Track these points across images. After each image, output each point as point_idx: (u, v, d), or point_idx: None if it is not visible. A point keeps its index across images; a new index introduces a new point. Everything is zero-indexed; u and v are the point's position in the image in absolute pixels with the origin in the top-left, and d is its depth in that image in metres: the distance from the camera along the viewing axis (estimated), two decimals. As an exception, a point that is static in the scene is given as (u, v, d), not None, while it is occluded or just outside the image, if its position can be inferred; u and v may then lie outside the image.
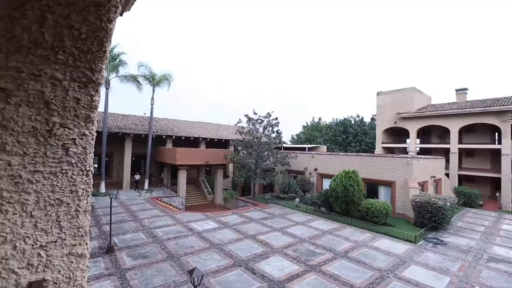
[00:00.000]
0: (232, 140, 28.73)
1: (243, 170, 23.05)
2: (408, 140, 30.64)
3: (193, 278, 4.79)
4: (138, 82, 22.78)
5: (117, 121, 25.69)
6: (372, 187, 19.09)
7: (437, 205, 14.43)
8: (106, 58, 1.27)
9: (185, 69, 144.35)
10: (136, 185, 23.24)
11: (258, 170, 23.21)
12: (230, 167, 30.24)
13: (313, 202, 19.57)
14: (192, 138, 27.84)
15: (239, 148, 25.49)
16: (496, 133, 25.86)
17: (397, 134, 33.03)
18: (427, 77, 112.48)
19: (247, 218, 15.97)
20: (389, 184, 18.15)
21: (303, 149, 29.77)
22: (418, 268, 9.76)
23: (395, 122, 30.94)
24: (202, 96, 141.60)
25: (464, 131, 27.53)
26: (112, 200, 11.50)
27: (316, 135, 51.87)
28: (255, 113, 23.71)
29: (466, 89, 29.24)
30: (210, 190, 26.61)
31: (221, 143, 31.31)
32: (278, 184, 23.72)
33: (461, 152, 27.48)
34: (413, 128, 29.48)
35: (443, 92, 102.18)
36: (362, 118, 48.91)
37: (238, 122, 23.71)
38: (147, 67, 23.38)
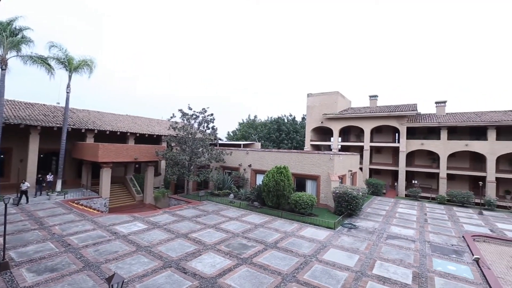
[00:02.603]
0: (165, 135, 27.13)
1: (176, 167, 22.07)
2: (332, 139, 34.35)
3: (112, 286, 4.36)
4: (49, 65, 19.22)
5: (18, 111, 21.25)
6: (300, 181, 20.75)
7: (352, 195, 16.65)
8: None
9: (124, 62, 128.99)
10: (20, 197, 16.51)
11: (192, 167, 22.57)
12: (163, 164, 28.59)
13: (247, 197, 20.13)
14: (118, 133, 25.19)
15: (173, 144, 24.30)
16: (397, 134, 31.35)
17: (324, 132, 36.73)
18: (349, 81, 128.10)
19: (180, 216, 15.39)
20: (315, 178, 20.04)
21: (239, 145, 30.26)
22: (336, 251, 11.11)
23: (322, 122, 34.31)
24: (137, 90, 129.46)
25: (375, 132, 32.51)
26: (9, 206, 9.51)
27: (252, 132, 53.40)
28: (190, 108, 22.93)
29: (377, 96, 34.43)
30: (139, 189, 24.63)
31: (153, 139, 29.27)
32: (212, 181, 23.56)
33: (372, 149, 32.34)
34: (336, 127, 33.24)
35: (362, 96, 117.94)
36: (294, 117, 52.52)
37: (171, 117, 22.53)
38: (61, 49, 20.02)
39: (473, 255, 11.11)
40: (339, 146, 33.67)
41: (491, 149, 25.24)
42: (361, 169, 29.95)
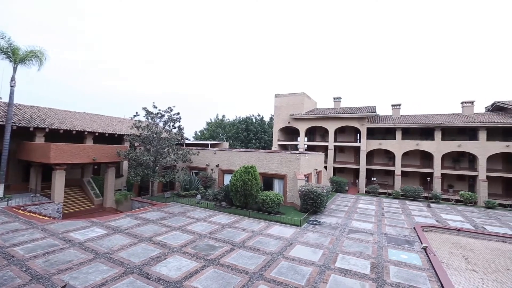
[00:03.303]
0: (127, 135, 25.67)
1: (140, 168, 21.00)
2: (298, 138, 35.38)
3: (63, 298, 4.00)
4: (-13, 55, 17.08)
5: (-52, 106, 18.52)
6: (268, 181, 21.03)
7: (317, 192, 17.31)
8: None
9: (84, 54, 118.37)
10: None
11: (157, 168, 21.66)
12: (125, 165, 27.03)
13: (214, 197, 19.88)
14: (74, 132, 23.19)
15: (136, 144, 23.10)
16: (358, 134, 33.31)
17: (291, 132, 37.68)
18: (315, 83, 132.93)
19: (143, 219, 14.68)
20: (282, 177, 20.46)
21: (206, 145, 29.76)
22: (301, 247, 11.46)
23: (289, 122, 35.15)
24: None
25: (338, 132, 34.18)
26: None
27: (220, 132, 52.87)
28: (155, 107, 21.98)
29: (340, 98, 36.20)
30: (98, 192, 22.98)
31: (114, 139, 27.51)
32: (179, 182, 22.86)
33: (336, 148, 33.98)
34: (302, 127, 34.29)
35: (327, 98, 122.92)
36: (262, 117, 53.07)
37: (134, 116, 21.39)
38: (3, 37, 17.84)
39: (421, 244, 12.25)
40: (306, 146, 34.78)
41: (437, 148, 28.03)
42: (325, 167, 31.30)
